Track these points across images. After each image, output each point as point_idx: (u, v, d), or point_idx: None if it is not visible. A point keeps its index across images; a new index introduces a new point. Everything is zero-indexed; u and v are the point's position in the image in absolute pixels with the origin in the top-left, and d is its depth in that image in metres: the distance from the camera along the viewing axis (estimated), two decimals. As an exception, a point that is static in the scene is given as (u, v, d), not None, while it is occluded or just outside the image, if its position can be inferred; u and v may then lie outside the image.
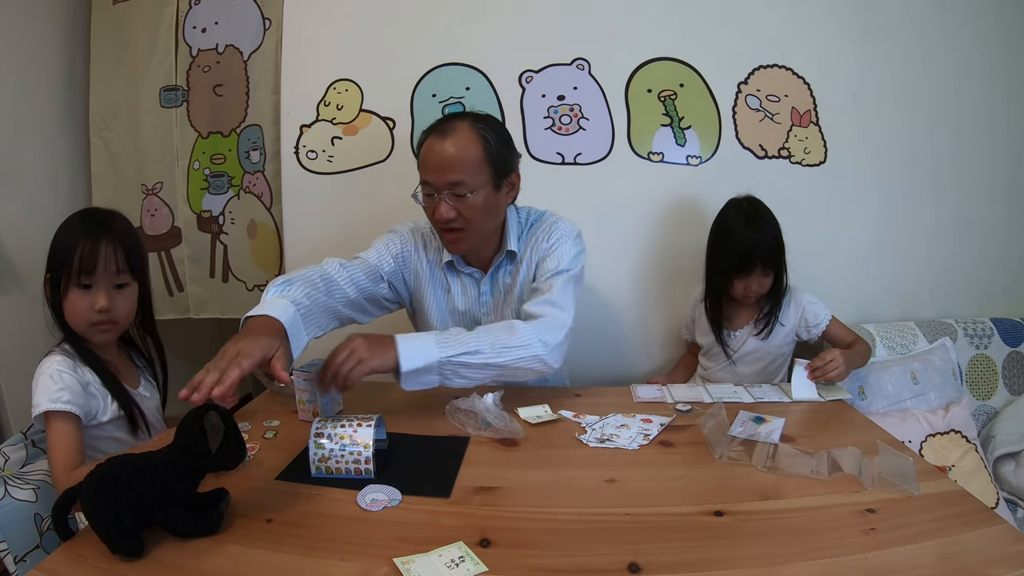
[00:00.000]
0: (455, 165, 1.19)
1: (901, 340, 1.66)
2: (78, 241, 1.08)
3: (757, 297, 1.47)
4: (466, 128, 1.22)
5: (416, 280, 1.39)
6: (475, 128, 1.22)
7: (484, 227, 1.27)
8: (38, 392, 1.05)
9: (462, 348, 1.13)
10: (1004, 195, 1.78)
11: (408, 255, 1.39)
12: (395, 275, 1.37)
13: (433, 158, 1.21)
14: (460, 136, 1.21)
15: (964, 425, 1.47)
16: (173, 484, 0.81)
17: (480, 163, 1.21)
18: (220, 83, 1.89)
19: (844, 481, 0.95)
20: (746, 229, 1.43)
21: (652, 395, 1.34)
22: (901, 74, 1.71)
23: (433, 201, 1.23)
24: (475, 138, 1.21)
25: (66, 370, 1.07)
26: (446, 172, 1.19)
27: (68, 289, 1.09)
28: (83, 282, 1.09)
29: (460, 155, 1.19)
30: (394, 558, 0.77)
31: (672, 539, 0.83)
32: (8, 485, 1.03)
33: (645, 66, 1.70)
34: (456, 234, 1.25)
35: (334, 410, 1.25)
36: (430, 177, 1.22)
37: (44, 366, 1.08)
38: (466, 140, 1.20)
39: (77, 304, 1.10)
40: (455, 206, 1.21)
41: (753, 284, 1.44)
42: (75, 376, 1.08)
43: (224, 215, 1.95)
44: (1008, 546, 0.79)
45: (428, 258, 1.39)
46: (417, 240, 1.40)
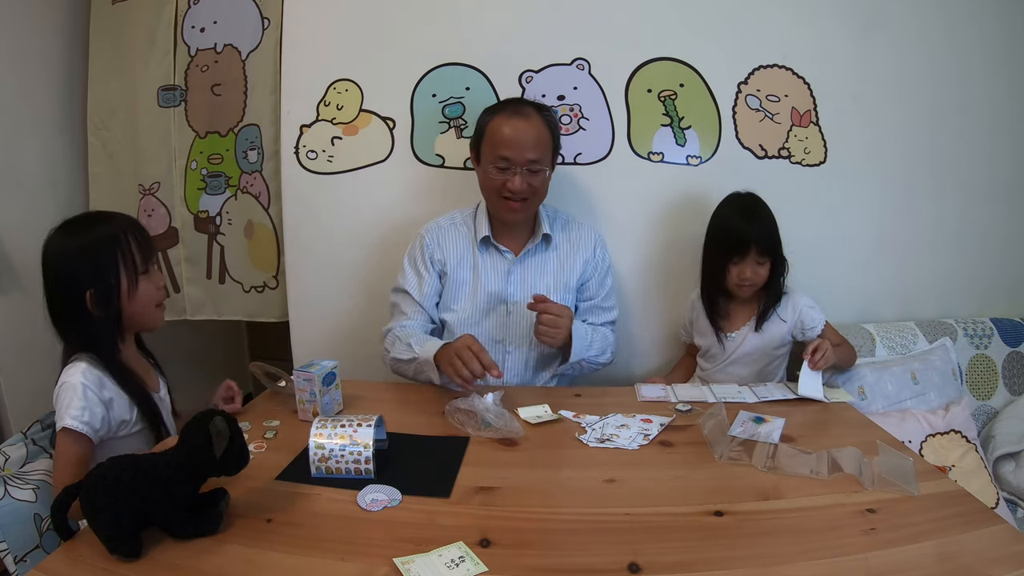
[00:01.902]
0: (535, 145, 1.38)
1: (901, 340, 1.66)
2: (125, 235, 1.07)
3: (753, 288, 1.46)
4: (537, 114, 1.42)
5: (443, 269, 1.51)
6: (543, 116, 1.43)
7: (540, 201, 1.48)
8: (62, 403, 1.02)
9: (596, 350, 1.45)
10: (1005, 195, 1.78)
11: (434, 250, 1.51)
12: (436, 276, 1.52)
13: (513, 137, 1.37)
14: (536, 120, 1.40)
15: (964, 425, 1.47)
16: (175, 487, 0.81)
17: (549, 146, 1.42)
18: (218, 83, 1.89)
19: (844, 481, 0.95)
20: (742, 215, 1.45)
21: (656, 394, 1.34)
22: (901, 74, 1.71)
23: (506, 174, 1.39)
24: (545, 124, 1.42)
25: (91, 386, 1.03)
26: (526, 150, 1.37)
27: (135, 283, 1.08)
28: (147, 268, 1.10)
29: (538, 136, 1.39)
30: (394, 558, 0.77)
31: (672, 539, 0.83)
32: (8, 485, 1.02)
33: (645, 66, 1.70)
34: (520, 203, 1.42)
35: (334, 410, 1.25)
36: (510, 153, 1.37)
37: (71, 376, 1.04)
38: (541, 125, 1.41)
39: (148, 291, 1.10)
40: (528, 180, 1.39)
41: (747, 270, 1.43)
42: (99, 394, 1.04)
43: (221, 215, 1.94)
44: (1008, 546, 0.79)
45: (457, 242, 1.51)
46: (439, 232, 1.52)
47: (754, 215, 1.44)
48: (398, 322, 1.49)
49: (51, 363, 1.12)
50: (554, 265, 1.50)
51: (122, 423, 1.08)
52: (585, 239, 1.53)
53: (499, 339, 1.49)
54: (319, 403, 1.20)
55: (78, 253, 1.05)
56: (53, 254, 1.07)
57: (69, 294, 1.05)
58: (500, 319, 1.49)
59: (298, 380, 1.21)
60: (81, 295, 1.05)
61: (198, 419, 0.84)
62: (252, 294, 1.97)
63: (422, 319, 1.49)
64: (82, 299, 1.05)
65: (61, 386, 1.04)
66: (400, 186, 1.76)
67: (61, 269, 1.06)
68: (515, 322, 1.48)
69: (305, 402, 1.21)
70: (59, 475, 1.01)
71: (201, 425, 0.83)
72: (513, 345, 1.49)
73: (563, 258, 1.51)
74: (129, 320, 1.11)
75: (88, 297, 1.05)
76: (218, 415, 0.84)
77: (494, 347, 1.49)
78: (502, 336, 1.49)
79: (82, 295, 1.05)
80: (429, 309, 1.50)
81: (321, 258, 1.82)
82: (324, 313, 1.84)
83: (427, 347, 1.33)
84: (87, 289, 1.05)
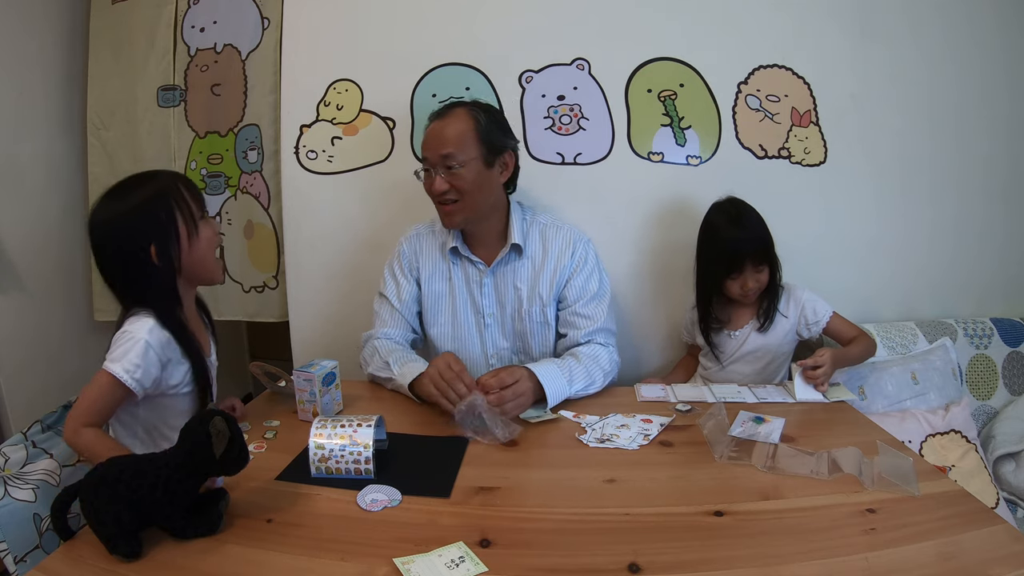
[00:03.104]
0: (446, 140, 1.32)
1: (901, 340, 1.66)
2: (176, 186, 1.08)
3: (756, 294, 1.47)
4: (461, 110, 1.36)
5: (421, 276, 1.49)
6: (469, 110, 1.36)
7: (477, 200, 1.37)
8: (118, 349, 1.02)
9: (582, 384, 1.31)
10: (1004, 195, 1.78)
11: (411, 259, 1.49)
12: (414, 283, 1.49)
13: (429, 136, 1.35)
14: (454, 116, 1.35)
15: (964, 425, 1.47)
16: (175, 487, 0.81)
17: (470, 139, 1.33)
18: (218, 83, 1.89)
19: (844, 481, 0.95)
20: (730, 228, 1.44)
21: (656, 394, 1.34)
22: (901, 74, 1.71)
23: (430, 176, 1.35)
24: (467, 118, 1.35)
25: (155, 346, 1.03)
26: (438, 147, 1.32)
27: (196, 229, 1.08)
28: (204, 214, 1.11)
29: (451, 132, 1.33)
30: (394, 558, 0.77)
31: (672, 539, 0.83)
32: (8, 485, 1.02)
33: (645, 66, 1.70)
34: (451, 206, 1.36)
35: (334, 410, 1.25)
36: (426, 153, 1.35)
37: (138, 329, 1.03)
38: (458, 119, 1.34)
39: (210, 237, 1.11)
40: (447, 179, 1.33)
41: (749, 281, 1.43)
42: (160, 355, 1.04)
43: (221, 216, 1.94)
44: (1008, 546, 0.79)
45: (432, 252, 1.48)
46: (417, 241, 1.50)
47: (744, 226, 1.43)
48: (378, 330, 1.47)
49: (51, 363, 1.12)
50: (528, 274, 1.44)
51: (174, 385, 1.08)
52: (563, 243, 1.44)
53: (480, 351, 1.48)
54: (319, 403, 1.20)
55: (135, 211, 1.05)
56: (106, 219, 1.05)
57: (131, 255, 1.05)
58: (479, 331, 1.47)
59: (298, 380, 1.21)
60: (143, 252, 1.04)
61: (198, 419, 0.84)
62: (252, 294, 1.97)
63: (402, 327, 1.47)
64: (144, 256, 1.05)
65: (123, 333, 1.03)
66: (400, 186, 1.76)
67: (120, 231, 1.05)
68: (495, 333, 1.47)
69: (305, 402, 1.21)
70: (81, 403, 1.00)
71: (201, 425, 0.83)
72: (496, 357, 1.48)
73: (537, 267, 1.44)
74: (190, 272, 1.11)
75: (152, 252, 1.05)
76: (218, 415, 0.84)
77: (477, 359, 1.47)
78: (482, 348, 1.48)
79: (145, 251, 1.04)
80: (408, 316, 1.48)
81: (321, 258, 1.82)
82: (324, 313, 1.84)
83: (406, 370, 1.30)
84: (150, 243, 1.05)
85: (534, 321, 1.44)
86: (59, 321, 1.92)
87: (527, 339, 1.46)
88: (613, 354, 1.42)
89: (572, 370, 1.31)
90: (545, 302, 1.44)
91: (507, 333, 1.47)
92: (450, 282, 1.47)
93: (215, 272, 1.16)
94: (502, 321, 1.46)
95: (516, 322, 1.45)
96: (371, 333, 1.48)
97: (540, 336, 1.46)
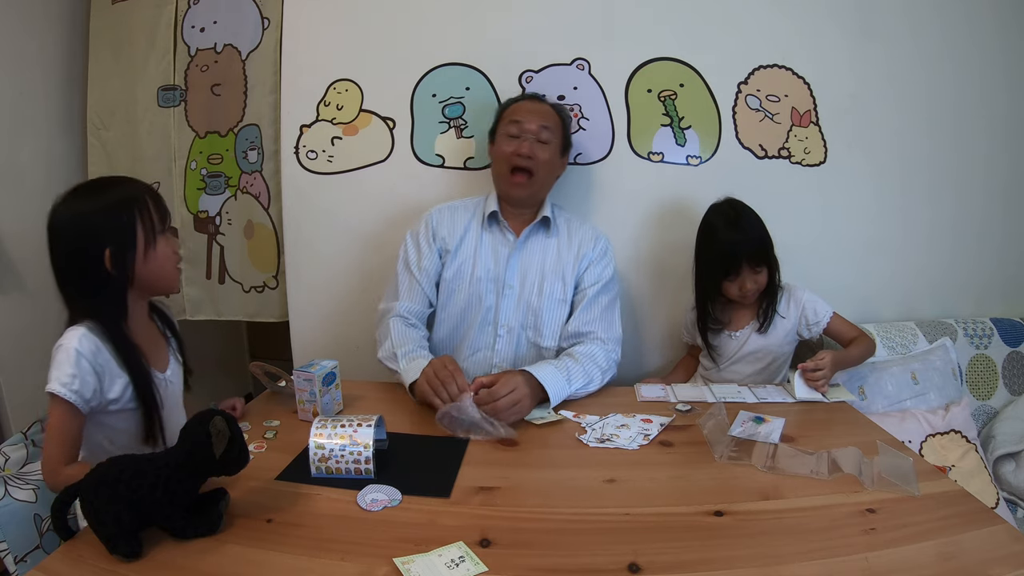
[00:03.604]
0: (546, 116, 1.49)
1: (901, 340, 1.66)
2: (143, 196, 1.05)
3: (755, 295, 1.47)
4: (550, 103, 1.56)
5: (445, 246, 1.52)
6: (555, 106, 1.56)
7: (545, 180, 1.51)
8: (53, 366, 0.98)
9: (581, 383, 1.33)
10: (1003, 194, 1.78)
11: (438, 227, 1.53)
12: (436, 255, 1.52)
13: (528, 108, 1.50)
14: (545, 105, 1.54)
15: (964, 425, 1.47)
16: (175, 486, 0.81)
17: (559, 129, 1.51)
18: (218, 83, 1.88)
19: (844, 481, 0.95)
20: (728, 230, 1.44)
21: (656, 394, 1.34)
22: (901, 74, 1.71)
23: (516, 142, 1.46)
24: (556, 112, 1.53)
25: (86, 353, 0.98)
26: (538, 118, 1.47)
27: (153, 241, 1.05)
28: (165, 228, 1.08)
29: (550, 113, 1.51)
30: (394, 558, 0.77)
31: (672, 539, 0.83)
32: (8, 485, 1.02)
33: (645, 66, 1.70)
34: (524, 175, 1.47)
35: (334, 410, 1.25)
36: (524, 118, 1.47)
37: (68, 339, 0.99)
38: (552, 110, 1.53)
39: (167, 252, 1.08)
40: (536, 150, 1.45)
41: (747, 283, 1.44)
42: (92, 361, 0.99)
43: (220, 216, 1.94)
44: (1008, 546, 0.79)
45: (464, 220, 1.54)
46: (448, 212, 1.55)
47: (741, 228, 1.43)
48: (394, 304, 1.47)
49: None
50: (553, 252, 1.51)
51: (113, 399, 1.02)
52: (587, 233, 1.53)
53: (490, 321, 1.49)
54: (319, 403, 1.20)
55: (97, 212, 1.02)
56: (67, 217, 1.02)
57: (84, 255, 1.02)
58: (494, 301, 1.48)
59: (298, 380, 1.21)
60: (98, 255, 1.01)
61: (198, 419, 0.84)
62: (252, 294, 1.97)
63: (419, 300, 1.48)
64: (97, 260, 1.01)
65: (57, 348, 1.00)
66: (400, 186, 1.76)
67: (78, 229, 1.02)
68: (510, 304, 1.48)
69: (305, 402, 1.21)
70: (48, 447, 0.97)
71: (201, 425, 0.83)
72: (505, 329, 1.48)
73: (562, 247, 1.51)
74: (145, 282, 1.07)
75: (107, 256, 1.01)
76: (218, 415, 0.84)
77: (487, 332, 1.48)
78: (493, 318, 1.49)
79: (99, 255, 1.01)
80: (427, 287, 1.49)
81: (321, 258, 1.82)
82: (324, 313, 1.84)
83: (411, 368, 1.31)
84: (106, 247, 1.01)
85: (553, 298, 1.47)
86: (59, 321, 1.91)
87: (540, 314, 1.47)
88: (611, 352, 1.43)
89: (570, 369, 1.32)
90: (566, 281, 1.49)
91: (521, 306, 1.48)
92: (477, 247, 1.51)
93: (171, 283, 1.13)
94: (520, 294, 1.48)
95: (532, 296, 1.47)
96: (388, 308, 1.48)
97: (554, 313, 1.48)
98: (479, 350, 1.48)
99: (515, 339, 1.48)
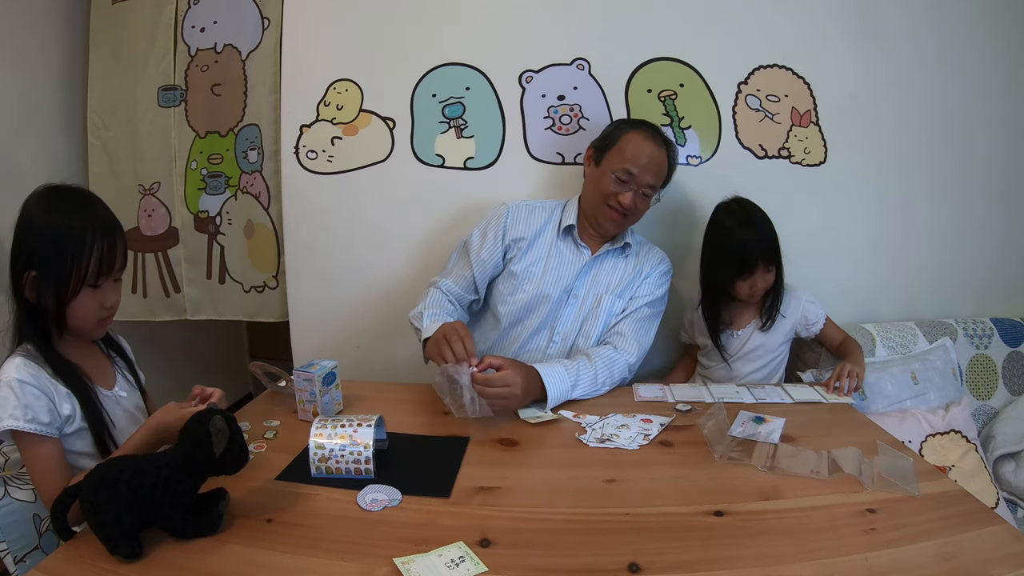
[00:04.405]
0: (657, 172, 1.45)
1: (901, 340, 1.66)
2: (94, 240, 0.98)
3: (762, 293, 1.48)
4: (666, 148, 1.48)
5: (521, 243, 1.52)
6: (669, 150, 1.49)
7: (635, 222, 1.51)
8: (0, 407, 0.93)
9: (587, 388, 1.32)
10: (1002, 194, 1.78)
11: (512, 224, 1.52)
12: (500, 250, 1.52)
13: (646, 159, 1.43)
14: (664, 153, 1.47)
15: (964, 425, 1.47)
16: (175, 486, 0.81)
17: (664, 178, 1.49)
18: (218, 83, 1.89)
19: (844, 481, 0.95)
20: (742, 231, 1.44)
21: (653, 394, 1.34)
22: (900, 74, 1.71)
23: (622, 187, 1.43)
24: (668, 159, 1.48)
25: (28, 380, 0.95)
26: (650, 174, 1.43)
27: (78, 290, 0.98)
28: (98, 282, 1.00)
29: (661, 167, 1.46)
30: (394, 558, 0.77)
31: (672, 539, 0.83)
32: (8, 485, 1.02)
33: (645, 66, 1.70)
34: (619, 215, 1.45)
35: (334, 410, 1.25)
36: (637, 171, 1.42)
37: (5, 374, 0.95)
38: (666, 158, 1.47)
39: (88, 305, 1.00)
40: (638, 201, 1.45)
41: (759, 282, 1.44)
42: (36, 384, 0.95)
43: (221, 216, 1.94)
44: (1008, 546, 0.79)
45: (542, 221, 1.53)
46: (527, 210, 1.54)
47: (755, 227, 1.43)
48: (441, 280, 1.51)
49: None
50: (620, 271, 1.51)
51: (68, 416, 0.98)
52: (655, 256, 1.55)
53: (548, 325, 1.49)
54: (319, 403, 1.20)
55: (42, 228, 0.98)
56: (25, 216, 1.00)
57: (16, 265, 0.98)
58: (556, 307, 1.49)
59: (298, 380, 1.21)
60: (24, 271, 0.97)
61: (198, 419, 0.84)
62: (252, 294, 1.97)
63: (466, 285, 1.51)
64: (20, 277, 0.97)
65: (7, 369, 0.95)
66: (400, 186, 1.76)
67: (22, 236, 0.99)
68: (571, 312, 1.49)
69: (305, 402, 1.21)
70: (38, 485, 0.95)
71: (201, 425, 0.83)
72: (560, 335, 1.48)
73: (629, 267, 1.52)
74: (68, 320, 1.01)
75: (25, 278, 0.97)
76: (218, 414, 0.84)
77: (540, 333, 1.49)
78: (552, 323, 1.49)
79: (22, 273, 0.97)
80: (479, 276, 1.50)
81: (321, 258, 1.82)
82: (324, 313, 1.84)
83: (432, 326, 1.34)
84: (31, 269, 0.97)
85: (611, 312, 1.48)
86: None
87: (596, 327, 1.48)
88: (631, 360, 1.42)
89: (580, 373, 1.31)
90: (624, 297, 1.50)
91: (580, 317, 1.49)
92: (551, 252, 1.50)
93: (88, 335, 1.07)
94: (582, 304, 1.49)
95: (594, 307, 1.48)
96: (433, 281, 1.53)
97: (605, 324, 1.48)
98: (531, 351, 1.49)
99: (568, 347, 1.48)
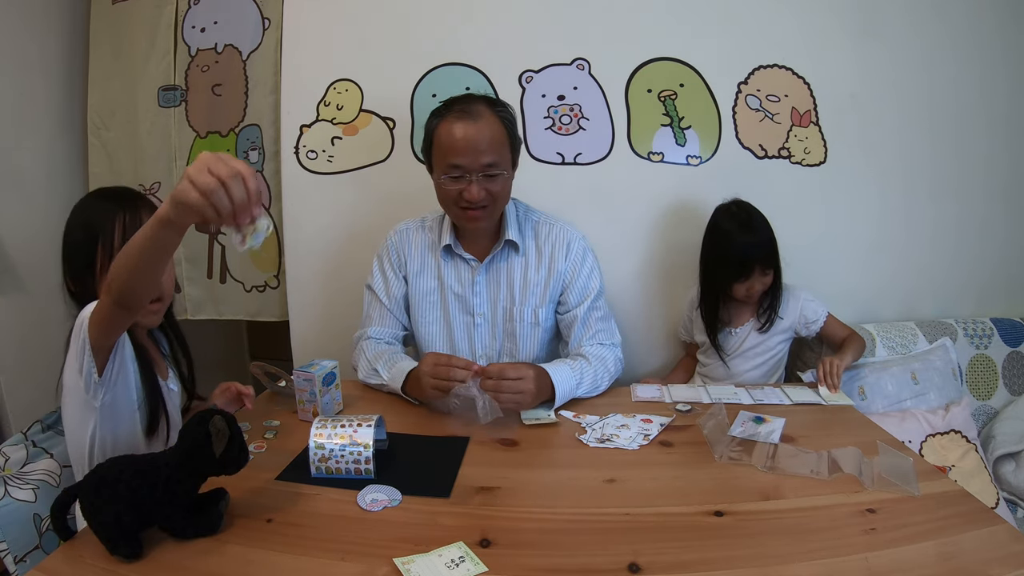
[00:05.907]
0: (488, 148, 1.24)
1: (901, 340, 1.66)
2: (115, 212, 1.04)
3: (759, 294, 1.48)
4: (487, 112, 1.27)
5: (409, 272, 1.45)
6: (495, 112, 1.28)
7: (503, 206, 1.35)
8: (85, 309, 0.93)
9: (589, 387, 1.30)
10: (1004, 194, 1.78)
11: (398, 254, 1.46)
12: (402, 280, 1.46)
13: (464, 142, 1.24)
14: (485, 121, 1.25)
15: (964, 425, 1.47)
16: (175, 486, 0.81)
17: (505, 145, 1.28)
18: (219, 83, 1.89)
19: (844, 481, 0.95)
20: (741, 233, 1.44)
21: (651, 395, 1.34)
22: (901, 73, 1.71)
23: (461, 183, 1.27)
24: (496, 121, 1.27)
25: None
26: (478, 155, 1.24)
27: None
28: None
29: (492, 137, 1.25)
30: (394, 558, 0.77)
31: (672, 539, 0.83)
32: (8, 485, 1.02)
33: (645, 66, 1.70)
34: (480, 211, 1.29)
35: (334, 410, 1.25)
36: (463, 160, 1.25)
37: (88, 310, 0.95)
38: (490, 123, 1.26)
39: None
40: (486, 187, 1.26)
41: (756, 284, 1.45)
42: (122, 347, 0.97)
43: (222, 215, 1.94)
44: (1008, 546, 0.79)
45: (421, 248, 1.44)
46: (407, 236, 1.46)
47: (753, 231, 1.44)
48: (367, 329, 1.44)
49: (51, 363, 1.11)
50: (521, 273, 1.40)
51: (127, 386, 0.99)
52: (559, 243, 1.39)
53: (469, 352, 1.44)
54: (319, 403, 1.20)
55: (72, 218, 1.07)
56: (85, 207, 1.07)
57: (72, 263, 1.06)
58: (467, 332, 1.44)
59: (298, 380, 1.21)
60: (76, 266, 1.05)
61: (197, 419, 0.84)
62: (253, 294, 1.97)
63: (391, 324, 1.45)
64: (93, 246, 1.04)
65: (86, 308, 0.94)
66: (400, 186, 1.76)
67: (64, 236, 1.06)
68: (484, 333, 1.43)
69: (305, 402, 1.21)
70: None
71: (201, 425, 0.83)
72: (484, 358, 1.43)
73: (532, 265, 1.40)
74: None
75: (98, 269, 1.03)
76: (218, 414, 0.84)
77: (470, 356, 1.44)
78: (471, 349, 1.44)
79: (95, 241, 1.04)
80: (397, 313, 1.45)
81: (321, 258, 1.83)
82: (324, 313, 1.84)
83: (395, 373, 1.29)
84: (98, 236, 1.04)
85: (525, 322, 1.41)
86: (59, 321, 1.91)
87: (516, 340, 1.42)
88: (617, 352, 1.41)
89: (583, 372, 1.30)
90: (538, 303, 1.40)
91: (496, 333, 1.43)
92: (440, 280, 1.42)
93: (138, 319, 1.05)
94: (492, 321, 1.42)
95: (506, 322, 1.42)
96: (360, 333, 1.46)
97: (529, 338, 1.42)
98: None
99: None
